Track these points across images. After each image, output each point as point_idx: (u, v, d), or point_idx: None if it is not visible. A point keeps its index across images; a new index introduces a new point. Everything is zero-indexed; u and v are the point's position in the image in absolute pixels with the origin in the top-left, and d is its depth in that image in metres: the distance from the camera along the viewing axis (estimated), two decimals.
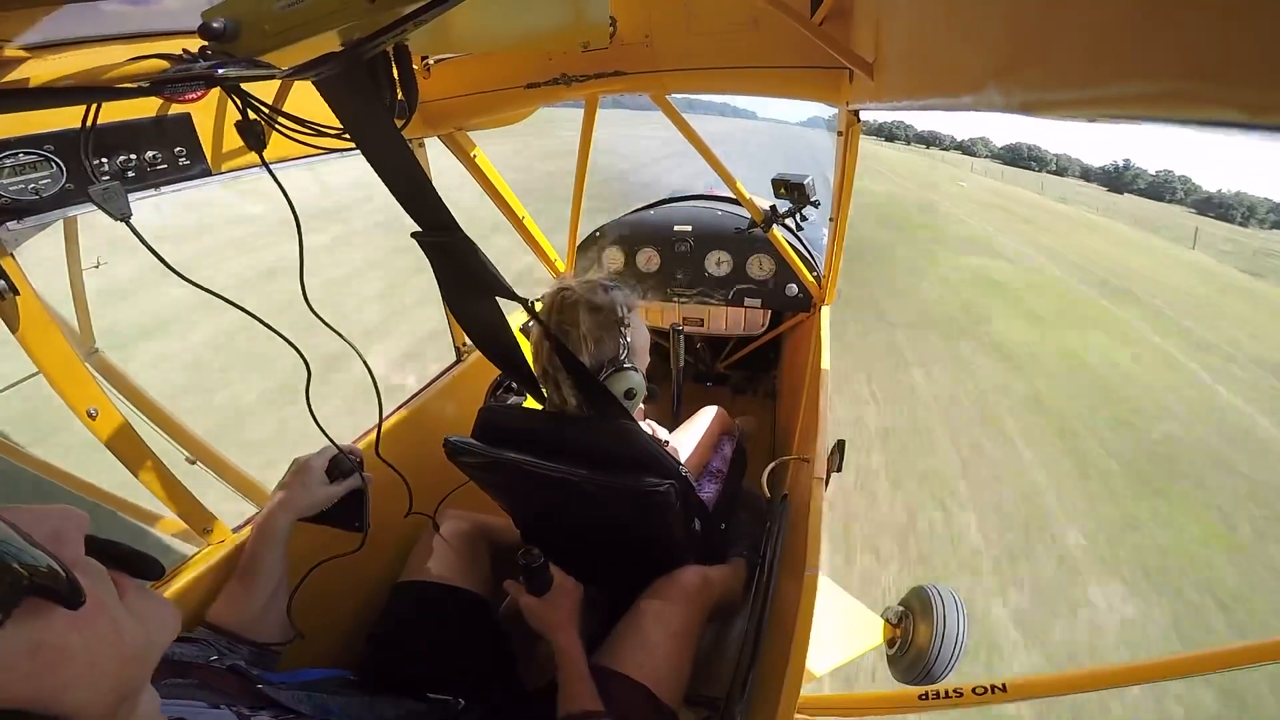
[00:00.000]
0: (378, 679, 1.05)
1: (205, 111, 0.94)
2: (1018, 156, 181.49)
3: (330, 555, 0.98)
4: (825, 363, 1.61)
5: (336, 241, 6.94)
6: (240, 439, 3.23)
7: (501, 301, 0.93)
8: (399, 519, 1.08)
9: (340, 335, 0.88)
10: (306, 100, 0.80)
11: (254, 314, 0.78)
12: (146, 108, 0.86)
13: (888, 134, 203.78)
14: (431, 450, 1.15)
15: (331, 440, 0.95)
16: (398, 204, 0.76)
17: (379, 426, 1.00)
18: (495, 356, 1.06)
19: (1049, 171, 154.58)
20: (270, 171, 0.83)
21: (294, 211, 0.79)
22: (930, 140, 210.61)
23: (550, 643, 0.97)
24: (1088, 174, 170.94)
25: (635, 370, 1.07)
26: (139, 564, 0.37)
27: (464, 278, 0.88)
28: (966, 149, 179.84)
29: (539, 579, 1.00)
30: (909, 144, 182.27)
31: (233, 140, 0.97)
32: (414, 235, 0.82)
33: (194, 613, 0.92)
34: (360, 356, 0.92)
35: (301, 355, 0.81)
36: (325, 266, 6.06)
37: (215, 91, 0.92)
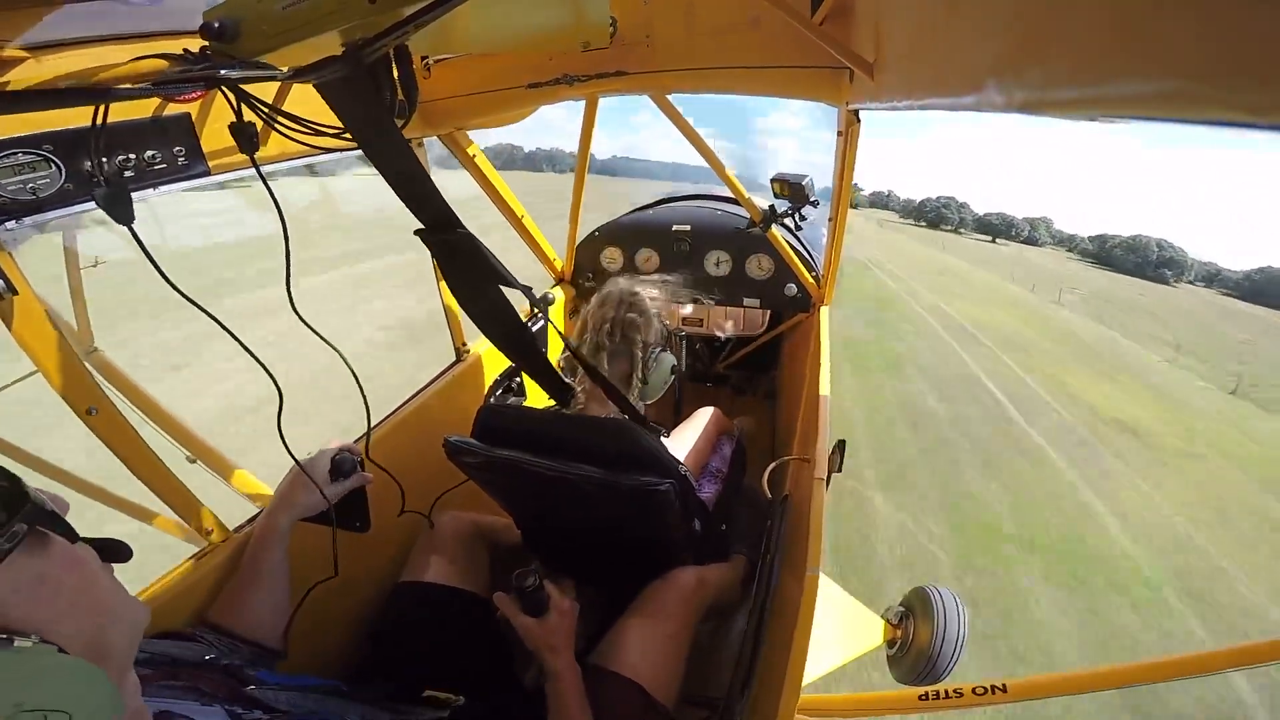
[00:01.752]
0: (377, 679, 1.05)
1: (205, 111, 0.94)
2: (1144, 262, 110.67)
3: (324, 578, 1.00)
4: (825, 363, 1.61)
5: None
6: None
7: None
8: (397, 519, 1.08)
9: (328, 343, 0.88)
10: (306, 99, 0.80)
11: (235, 334, 0.78)
12: (146, 107, 0.86)
13: (933, 216, 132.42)
14: (432, 450, 1.15)
15: (298, 462, 0.95)
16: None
17: (371, 429, 1.00)
18: (509, 349, 1.04)
19: (1188, 281, 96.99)
20: (260, 173, 0.83)
21: (281, 215, 0.78)
22: (999, 228, 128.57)
23: (543, 663, 0.94)
24: None
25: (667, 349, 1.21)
26: (110, 549, 0.42)
27: (471, 274, 0.88)
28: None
29: (535, 600, 0.96)
30: (958, 231, 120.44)
31: (232, 140, 0.98)
32: (417, 233, 0.82)
33: (194, 612, 0.92)
34: (346, 364, 0.91)
35: (272, 378, 0.81)
36: None
37: (214, 91, 0.91)
